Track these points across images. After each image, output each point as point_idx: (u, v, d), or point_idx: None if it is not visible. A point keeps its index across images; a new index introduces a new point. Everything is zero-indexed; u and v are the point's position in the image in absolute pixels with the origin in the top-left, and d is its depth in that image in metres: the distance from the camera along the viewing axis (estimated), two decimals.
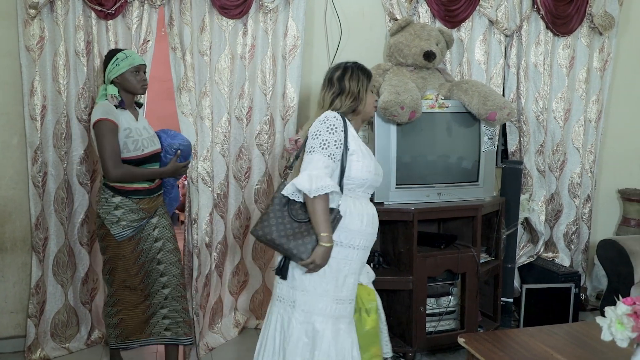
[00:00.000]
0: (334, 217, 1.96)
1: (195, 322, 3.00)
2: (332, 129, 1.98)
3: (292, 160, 2.22)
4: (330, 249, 1.94)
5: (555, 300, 3.40)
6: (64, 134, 2.94)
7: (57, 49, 2.88)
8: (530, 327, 2.29)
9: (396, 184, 2.98)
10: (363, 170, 2.05)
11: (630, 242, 3.35)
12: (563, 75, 3.73)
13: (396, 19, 3.33)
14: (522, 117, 3.65)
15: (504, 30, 3.52)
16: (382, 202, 2.95)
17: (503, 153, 3.82)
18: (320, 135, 1.97)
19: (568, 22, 3.63)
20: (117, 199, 2.45)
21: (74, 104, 2.94)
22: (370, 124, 3.00)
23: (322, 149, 1.96)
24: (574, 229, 3.88)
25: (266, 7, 3.11)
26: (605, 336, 1.65)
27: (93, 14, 2.89)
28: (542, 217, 3.74)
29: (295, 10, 3.16)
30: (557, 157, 3.80)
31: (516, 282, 3.63)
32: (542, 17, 3.59)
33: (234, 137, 3.23)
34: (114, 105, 2.45)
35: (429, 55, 3.12)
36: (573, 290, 3.39)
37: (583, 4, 3.62)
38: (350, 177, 2.04)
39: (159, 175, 2.58)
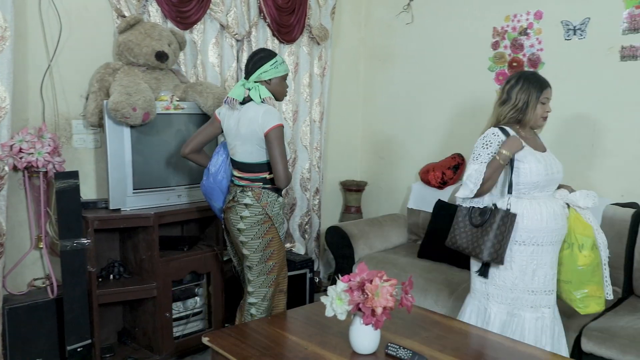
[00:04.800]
0: (501, 216, 2.22)
1: None
2: (487, 145, 2.29)
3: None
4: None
5: (295, 286, 3.70)
6: None
7: None
8: (273, 315, 2.44)
9: (133, 189, 2.85)
10: (532, 175, 2.26)
11: (351, 227, 3.82)
12: (290, 80, 4.06)
13: (124, 16, 3.17)
14: None
15: (235, 35, 3.66)
16: (119, 209, 2.79)
17: None
18: (476, 149, 2.32)
19: (291, 31, 3.96)
20: (281, 199, 2.55)
21: None
22: (102, 126, 2.81)
23: (474, 159, 2.30)
24: (307, 220, 4.27)
25: None
26: (328, 312, 1.86)
27: None
28: None
29: None
30: (289, 155, 4.12)
31: None
32: (268, 25, 3.84)
33: None
34: None
35: (161, 56, 3.05)
36: (308, 275, 3.73)
37: (302, 16, 4.00)
38: (520, 182, 2.28)
39: None
